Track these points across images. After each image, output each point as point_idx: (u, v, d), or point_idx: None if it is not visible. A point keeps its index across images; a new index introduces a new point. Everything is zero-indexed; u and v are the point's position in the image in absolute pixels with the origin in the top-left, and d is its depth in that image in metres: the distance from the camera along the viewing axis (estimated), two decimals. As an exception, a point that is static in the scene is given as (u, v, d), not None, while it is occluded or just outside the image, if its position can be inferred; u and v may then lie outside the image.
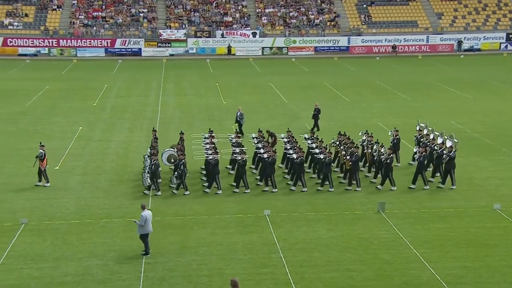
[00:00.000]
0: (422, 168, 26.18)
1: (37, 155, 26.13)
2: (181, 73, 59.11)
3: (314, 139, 28.23)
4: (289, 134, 28.96)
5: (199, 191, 25.58)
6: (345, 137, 28.12)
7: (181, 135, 28.88)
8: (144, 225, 19.49)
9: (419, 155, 26.24)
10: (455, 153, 26.36)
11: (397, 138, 28.97)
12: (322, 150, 26.50)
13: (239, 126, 34.53)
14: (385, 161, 25.93)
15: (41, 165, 25.97)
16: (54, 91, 48.55)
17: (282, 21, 75.62)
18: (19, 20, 71.55)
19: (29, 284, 17.68)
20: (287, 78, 56.45)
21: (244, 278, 18.03)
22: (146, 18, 74.16)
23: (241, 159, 25.61)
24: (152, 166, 25.16)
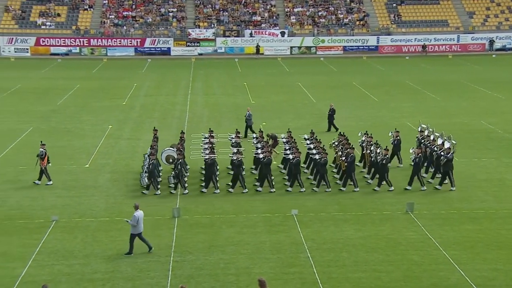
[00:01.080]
0: (418, 169, 25.97)
1: (37, 153, 26.37)
2: (210, 72, 59.35)
3: (313, 140, 28.18)
4: (289, 135, 28.93)
5: (225, 190, 25.65)
6: (343, 138, 28.09)
7: (182, 135, 28.95)
8: (136, 225, 19.55)
9: (415, 156, 26.06)
10: (453, 154, 26.09)
11: (397, 139, 28.85)
12: (319, 150, 26.41)
13: (248, 127, 34.38)
14: (381, 161, 25.78)
15: (42, 164, 26.20)
16: (84, 90, 49.15)
17: (310, 21, 75.44)
18: (52, 20, 72.60)
19: (60, 280, 17.94)
20: (316, 77, 56.30)
21: (271, 277, 18.04)
22: (176, 17, 74.63)
23: (237, 159, 25.65)
24: (149, 166, 25.26)
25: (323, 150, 26.14)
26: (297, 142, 28.05)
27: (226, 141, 29.50)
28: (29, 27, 71.83)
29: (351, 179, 25.80)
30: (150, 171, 25.20)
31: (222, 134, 30.90)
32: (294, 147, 26.71)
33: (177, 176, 25.19)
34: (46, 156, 26.31)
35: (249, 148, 29.00)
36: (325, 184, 25.71)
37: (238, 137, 28.99)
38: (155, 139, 28.54)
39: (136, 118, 39.61)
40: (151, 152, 26.00)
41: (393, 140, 28.88)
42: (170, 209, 23.18)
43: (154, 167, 25.36)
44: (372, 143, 27.39)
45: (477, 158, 30.57)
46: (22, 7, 73.87)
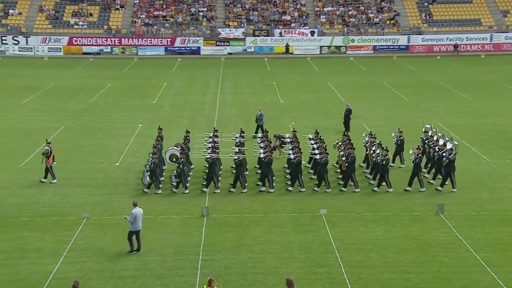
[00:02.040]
0: (418, 170, 25.69)
1: (43, 152, 26.66)
2: (239, 72, 59.49)
3: (317, 140, 28.05)
4: (294, 134, 28.88)
5: (253, 189, 25.69)
6: (346, 138, 27.93)
7: (187, 134, 28.97)
8: (134, 223, 19.61)
9: (415, 157, 25.78)
10: (455, 156, 25.74)
11: (401, 139, 28.60)
12: (321, 150, 26.30)
13: (259, 127, 34.25)
14: (381, 162, 25.57)
15: (47, 162, 26.46)
16: (115, 89, 49.67)
17: (340, 20, 75.09)
18: (84, 20, 73.52)
19: (91, 276, 18.17)
20: (345, 77, 56.05)
21: (299, 277, 18.03)
22: (206, 17, 74.96)
23: (238, 158, 25.66)
24: (151, 165, 25.37)
25: (325, 150, 26.12)
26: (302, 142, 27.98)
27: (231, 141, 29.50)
28: (62, 27, 72.85)
29: (352, 179, 25.68)
30: (152, 170, 25.33)
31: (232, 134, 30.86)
32: (297, 147, 26.74)
33: (179, 175, 25.32)
34: (52, 155, 26.55)
35: (254, 148, 28.92)
36: (325, 185, 25.62)
37: (243, 137, 28.99)
38: (159, 138, 28.56)
39: (166, 117, 39.90)
40: (153, 151, 26.13)
41: (397, 140, 28.72)
42: (199, 207, 23.30)
43: (156, 166, 25.45)
44: (375, 143, 27.28)
45: (509, 159, 30.11)
46: (56, 7, 74.96)
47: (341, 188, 25.67)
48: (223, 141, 29.86)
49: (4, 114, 39.87)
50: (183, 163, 25.58)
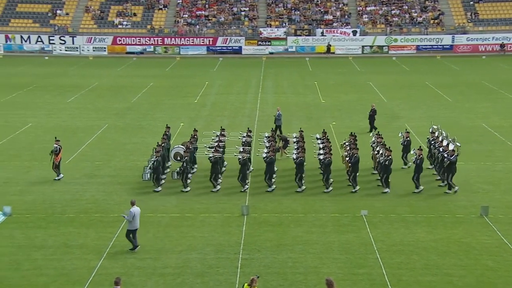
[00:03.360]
0: (419, 171, 25.28)
1: (52, 149, 26.97)
2: (280, 71, 59.48)
3: (324, 140, 27.87)
4: (300, 134, 28.77)
5: (291, 188, 25.65)
6: (353, 138, 27.71)
7: (194, 133, 28.99)
8: (132, 221, 19.68)
9: (416, 158, 25.40)
10: (456, 157, 25.23)
11: (407, 140, 28.21)
12: (326, 151, 26.13)
13: (277, 127, 34.06)
14: (384, 162, 25.24)
15: (56, 160, 26.78)
16: (158, 88, 50.25)
17: (383, 19, 74.36)
18: (128, 20, 74.59)
19: (133, 273, 18.42)
20: (387, 77, 55.50)
21: (339, 277, 17.95)
22: (247, 16, 75.17)
23: (242, 157, 25.66)
24: (154, 163, 25.47)
25: (329, 151, 26.01)
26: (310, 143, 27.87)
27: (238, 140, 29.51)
28: (106, 26, 74.06)
29: (353, 179, 25.52)
30: (154, 168, 25.49)
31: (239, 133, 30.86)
32: (301, 147, 26.66)
33: (182, 173, 25.49)
34: (61, 152, 26.92)
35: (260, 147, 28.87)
36: (326, 186, 25.52)
37: (249, 136, 28.97)
38: (165, 136, 28.68)
39: (207, 116, 40.17)
40: (156, 149, 26.26)
41: (403, 141, 28.39)
42: (239, 206, 23.40)
43: (158, 164, 25.58)
44: (379, 143, 27.03)
45: (557, 162, 29.38)
46: (101, 7, 76.24)
47: (384, 190, 25.41)
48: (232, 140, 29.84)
49: (52, 112, 40.76)
50: (186, 161, 25.75)
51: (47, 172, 27.57)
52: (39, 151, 31.23)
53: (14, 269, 18.58)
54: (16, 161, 29.62)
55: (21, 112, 40.63)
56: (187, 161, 25.82)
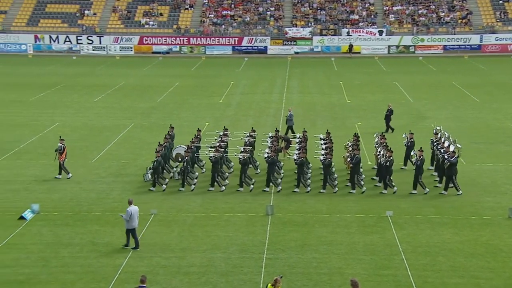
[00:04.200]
0: (419, 172, 25.01)
1: (56, 148, 27.17)
2: (306, 71, 59.38)
3: (327, 140, 27.72)
4: (305, 134, 28.73)
5: (316, 189, 25.59)
6: (356, 139, 27.63)
7: (198, 133, 29.05)
8: (129, 220, 19.71)
9: (416, 159, 25.13)
10: (457, 159, 24.93)
11: (411, 141, 27.95)
12: (327, 151, 26.02)
13: (289, 128, 33.96)
14: (384, 163, 25.04)
15: (60, 159, 26.97)
16: (183, 88, 50.50)
17: (410, 19, 73.77)
18: (155, 20, 75.10)
19: (158, 272, 18.56)
20: (414, 77, 55.08)
21: (364, 278, 17.87)
22: (273, 16, 75.15)
23: (243, 157, 25.63)
24: (154, 163, 25.53)
25: (331, 151, 25.94)
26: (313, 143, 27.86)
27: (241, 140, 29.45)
28: (133, 26, 74.65)
29: (352, 180, 25.36)
30: (155, 168, 25.55)
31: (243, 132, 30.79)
32: (303, 147, 26.59)
33: (183, 173, 25.58)
34: (65, 151, 27.10)
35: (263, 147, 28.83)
36: (323, 186, 25.38)
37: (252, 136, 28.93)
38: (168, 136, 28.73)
39: (232, 115, 40.27)
40: (157, 149, 26.34)
41: (407, 142, 28.19)
42: (264, 206, 23.42)
43: (158, 164, 25.65)
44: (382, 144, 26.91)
45: None
46: (128, 8, 76.88)
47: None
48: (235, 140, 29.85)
49: (79, 112, 41.23)
50: (187, 161, 25.81)
51: (73, 171, 27.88)
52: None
53: (42, 266, 18.85)
54: (44, 159, 30.03)
55: (49, 111, 41.18)
56: (188, 161, 25.93)
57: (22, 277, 18.15)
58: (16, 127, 36.59)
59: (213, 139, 29.22)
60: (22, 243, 20.45)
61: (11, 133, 35.17)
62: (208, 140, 29.58)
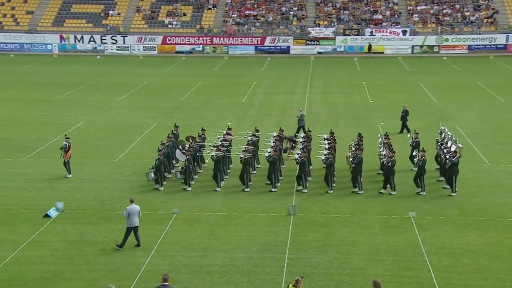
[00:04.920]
0: (421, 172, 24.80)
1: (61, 146, 27.38)
2: (328, 71, 59.20)
3: (331, 140, 27.61)
4: (309, 134, 28.67)
5: (343, 190, 25.52)
6: (358, 139, 27.54)
7: (202, 132, 29.08)
8: (128, 219, 19.69)
9: (418, 159, 24.93)
10: (458, 159, 24.64)
11: (416, 141, 27.67)
12: (329, 151, 25.98)
13: (300, 128, 33.80)
14: (387, 164, 24.86)
15: (65, 157, 27.17)
16: (206, 87, 50.67)
17: (434, 19, 73.15)
18: (178, 19, 75.47)
19: (180, 270, 18.65)
20: (437, 77, 54.61)
21: (387, 279, 17.77)
22: (296, 16, 75.05)
23: (244, 157, 25.63)
24: (156, 161, 25.65)
25: (334, 151, 25.93)
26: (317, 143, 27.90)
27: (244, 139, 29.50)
28: (157, 26, 75.09)
29: (356, 181, 25.23)
30: (157, 167, 25.62)
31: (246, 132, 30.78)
32: (306, 147, 26.55)
33: (185, 172, 25.65)
34: (70, 150, 27.31)
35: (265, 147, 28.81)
36: (327, 185, 25.33)
37: (255, 136, 28.87)
38: (172, 135, 28.80)
39: (254, 115, 40.30)
40: (159, 148, 26.43)
41: (412, 142, 27.95)
42: (286, 206, 23.41)
43: (160, 163, 25.72)
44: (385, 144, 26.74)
45: None
46: (152, 8, 77.36)
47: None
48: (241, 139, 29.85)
49: (103, 111, 41.59)
50: (188, 160, 25.87)
51: (97, 169, 28.16)
52: (90, 149, 31.93)
53: (67, 263, 19.06)
54: (68, 158, 30.31)
55: (74, 110, 41.60)
56: (189, 159, 26.01)
57: (47, 274, 18.38)
58: (42, 126, 37.05)
59: (215, 138, 29.18)
60: (47, 240, 20.71)
61: (36, 132, 35.61)
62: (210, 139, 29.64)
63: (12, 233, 21.29)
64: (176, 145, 27.98)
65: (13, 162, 29.70)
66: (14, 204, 24.12)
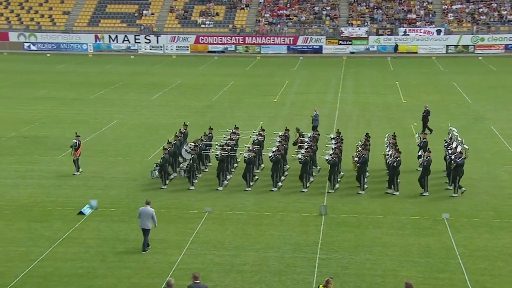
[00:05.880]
0: (426, 173, 24.44)
1: (71, 144, 27.67)
2: (361, 71, 58.83)
3: (338, 140, 27.42)
4: (315, 134, 28.60)
5: (376, 191, 25.35)
6: (365, 139, 27.43)
7: (210, 131, 29.16)
8: (140, 220, 19.66)
9: (423, 160, 24.57)
10: (463, 160, 24.23)
11: (424, 141, 27.34)
12: (335, 151, 25.82)
13: (314, 127, 33.54)
14: (392, 164, 24.58)
15: (74, 155, 27.42)
16: (238, 87, 50.80)
17: (470, 18, 72.11)
18: (211, 19, 75.83)
19: (211, 269, 18.73)
20: (473, 77, 53.87)
21: (419, 281, 17.60)
22: (329, 15, 74.76)
23: (248, 156, 25.55)
24: (161, 160, 25.71)
25: (340, 152, 25.81)
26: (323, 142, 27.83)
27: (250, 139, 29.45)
28: (190, 26, 75.57)
29: (360, 180, 25.03)
30: (161, 165, 25.70)
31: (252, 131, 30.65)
32: (310, 146, 26.45)
33: (189, 170, 25.68)
34: (80, 148, 27.61)
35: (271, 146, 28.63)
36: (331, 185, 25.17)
37: (261, 135, 28.78)
38: (180, 134, 28.82)
39: (286, 115, 40.27)
40: (165, 147, 26.49)
41: (419, 142, 27.67)
42: (318, 206, 23.35)
43: (165, 161, 25.78)
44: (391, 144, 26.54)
45: None
46: (185, 7, 77.88)
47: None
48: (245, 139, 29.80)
49: (136, 110, 42.02)
50: (193, 159, 25.90)
51: (130, 168, 28.46)
52: (123, 147, 32.29)
53: (100, 260, 19.31)
54: (101, 156, 30.74)
55: (108, 109, 42.12)
56: (194, 158, 26.09)
57: (82, 270, 18.65)
58: (76, 124, 37.59)
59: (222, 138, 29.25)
60: (81, 237, 21.01)
61: (71, 130, 36.08)
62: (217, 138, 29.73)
63: (48, 229, 21.67)
64: (183, 143, 28.12)
65: (49, 159, 30.21)
66: (50, 201, 24.54)
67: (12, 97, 46.10)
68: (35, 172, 28.19)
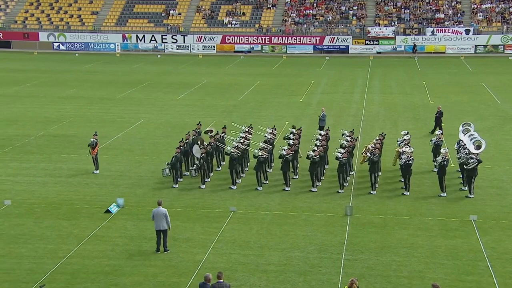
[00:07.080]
0: (442, 173, 24.20)
1: (89, 143, 27.96)
2: (388, 71, 58.43)
3: (352, 138, 27.36)
4: (327, 132, 28.55)
5: (397, 191, 25.17)
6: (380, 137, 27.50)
7: (223, 130, 29.30)
8: (154, 221, 19.63)
9: (442, 160, 24.25)
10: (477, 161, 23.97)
11: (440, 141, 27.20)
12: (346, 150, 25.68)
13: (321, 128, 33.32)
14: (406, 161, 24.42)
15: (92, 153, 27.66)
16: (264, 86, 50.82)
17: (500, 17, 71.14)
18: (237, 19, 75.98)
19: (236, 268, 18.78)
20: (502, 77, 53.13)
21: (446, 284, 17.43)
22: (356, 15, 74.38)
23: (261, 155, 25.56)
24: (172, 158, 25.80)
25: (351, 150, 25.70)
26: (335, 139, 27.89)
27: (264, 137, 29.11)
28: (216, 26, 75.83)
29: (371, 180, 24.89)
30: (172, 163, 25.75)
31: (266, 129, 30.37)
32: (323, 145, 26.35)
33: (199, 169, 25.77)
34: (97, 146, 27.85)
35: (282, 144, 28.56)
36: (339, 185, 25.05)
37: (274, 134, 28.72)
38: (194, 132, 28.96)
39: (312, 115, 40.14)
40: (179, 145, 26.54)
41: (436, 141, 27.45)
42: (343, 207, 23.26)
43: (177, 160, 25.85)
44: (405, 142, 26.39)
45: None
46: (212, 7, 78.17)
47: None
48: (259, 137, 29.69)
49: (163, 109, 42.29)
50: (203, 158, 25.90)
51: (156, 167, 28.65)
52: (150, 146, 32.53)
53: (126, 258, 19.49)
54: (128, 155, 31.01)
55: (135, 108, 42.46)
56: (204, 157, 26.09)
57: (108, 268, 18.84)
58: (104, 123, 37.97)
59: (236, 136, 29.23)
60: (108, 235, 21.22)
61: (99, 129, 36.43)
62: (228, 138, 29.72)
63: (76, 227, 21.94)
64: (195, 140, 28.21)
65: (77, 158, 30.56)
66: (78, 199, 24.84)
67: (41, 96, 46.76)
68: (64, 170, 28.56)
